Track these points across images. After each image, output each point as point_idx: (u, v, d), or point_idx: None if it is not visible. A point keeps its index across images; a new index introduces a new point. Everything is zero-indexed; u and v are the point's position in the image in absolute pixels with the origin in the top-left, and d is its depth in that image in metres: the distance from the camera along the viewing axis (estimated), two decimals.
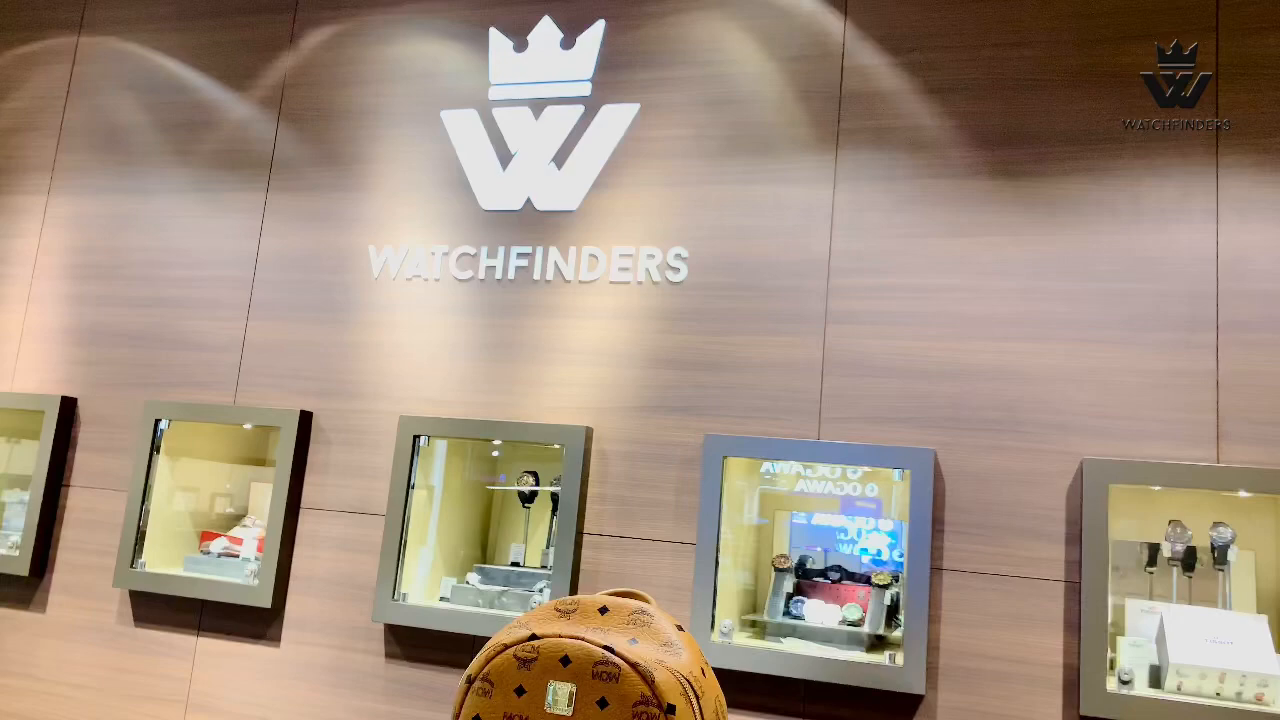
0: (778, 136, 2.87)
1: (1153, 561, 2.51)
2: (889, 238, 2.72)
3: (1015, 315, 2.58)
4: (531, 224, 3.06)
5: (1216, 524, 2.41)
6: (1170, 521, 2.46)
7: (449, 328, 3.08)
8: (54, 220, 3.64)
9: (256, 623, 3.09)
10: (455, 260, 3.11)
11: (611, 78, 3.05)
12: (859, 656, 2.53)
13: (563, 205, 3.03)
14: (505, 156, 3.12)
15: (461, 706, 1.08)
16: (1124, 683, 2.31)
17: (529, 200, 3.08)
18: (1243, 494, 2.42)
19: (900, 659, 2.44)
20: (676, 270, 2.89)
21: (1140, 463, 2.39)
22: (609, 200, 3.00)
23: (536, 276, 3.02)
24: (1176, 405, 2.43)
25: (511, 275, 3.05)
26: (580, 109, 3.06)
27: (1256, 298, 2.42)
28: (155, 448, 3.27)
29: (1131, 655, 2.36)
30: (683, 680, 1.04)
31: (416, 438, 2.98)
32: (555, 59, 3.12)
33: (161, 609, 3.20)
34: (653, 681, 1.01)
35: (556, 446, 2.91)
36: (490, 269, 3.07)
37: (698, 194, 2.91)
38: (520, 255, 3.05)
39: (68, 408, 3.43)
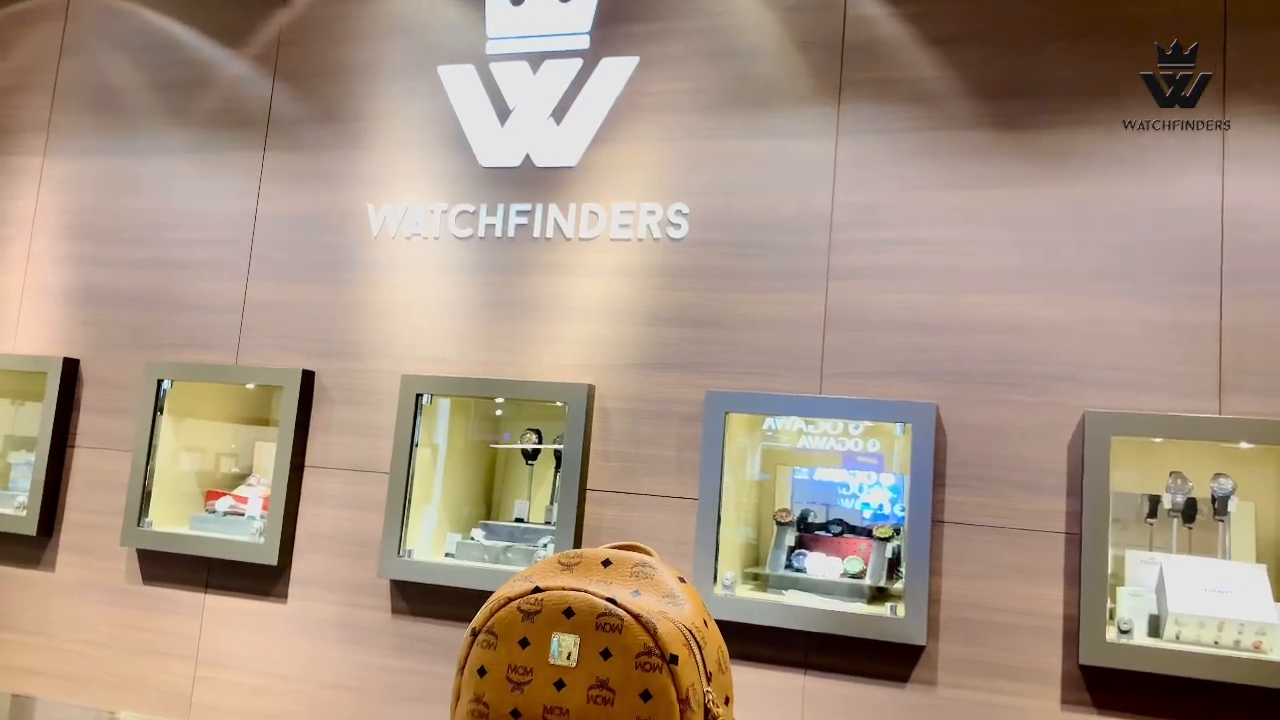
0: (779, 89, 2.83)
1: (1153, 513, 2.52)
2: (891, 191, 2.70)
3: (1017, 268, 2.57)
4: (531, 181, 3.04)
5: (1217, 475, 2.42)
6: (1171, 473, 2.47)
7: (449, 286, 3.07)
8: (50, 182, 3.62)
9: (263, 580, 3.12)
10: (455, 218, 3.09)
11: (610, 30, 3.01)
12: (860, 608, 2.55)
13: (562, 161, 3.01)
14: (503, 112, 3.09)
15: (467, 659, 1.09)
16: (1123, 632, 2.34)
17: (528, 157, 3.05)
18: (1244, 445, 2.42)
19: (901, 610, 2.46)
20: (677, 227, 2.87)
21: (1142, 415, 2.39)
22: (609, 156, 2.97)
23: (536, 234, 3.01)
24: (1179, 357, 2.42)
25: (511, 233, 3.03)
26: (579, 63, 3.02)
27: (1261, 249, 2.41)
28: (158, 408, 3.27)
29: (1131, 605, 2.38)
30: (685, 631, 1.05)
31: (419, 396, 2.99)
32: (553, 11, 3.08)
33: (169, 567, 3.23)
34: (655, 632, 1.02)
35: (559, 404, 2.92)
36: (490, 227, 3.05)
37: (698, 149, 2.88)
38: (520, 213, 3.03)
39: (70, 369, 3.44)
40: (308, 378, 3.14)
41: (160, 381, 3.28)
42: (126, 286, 3.45)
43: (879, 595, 2.63)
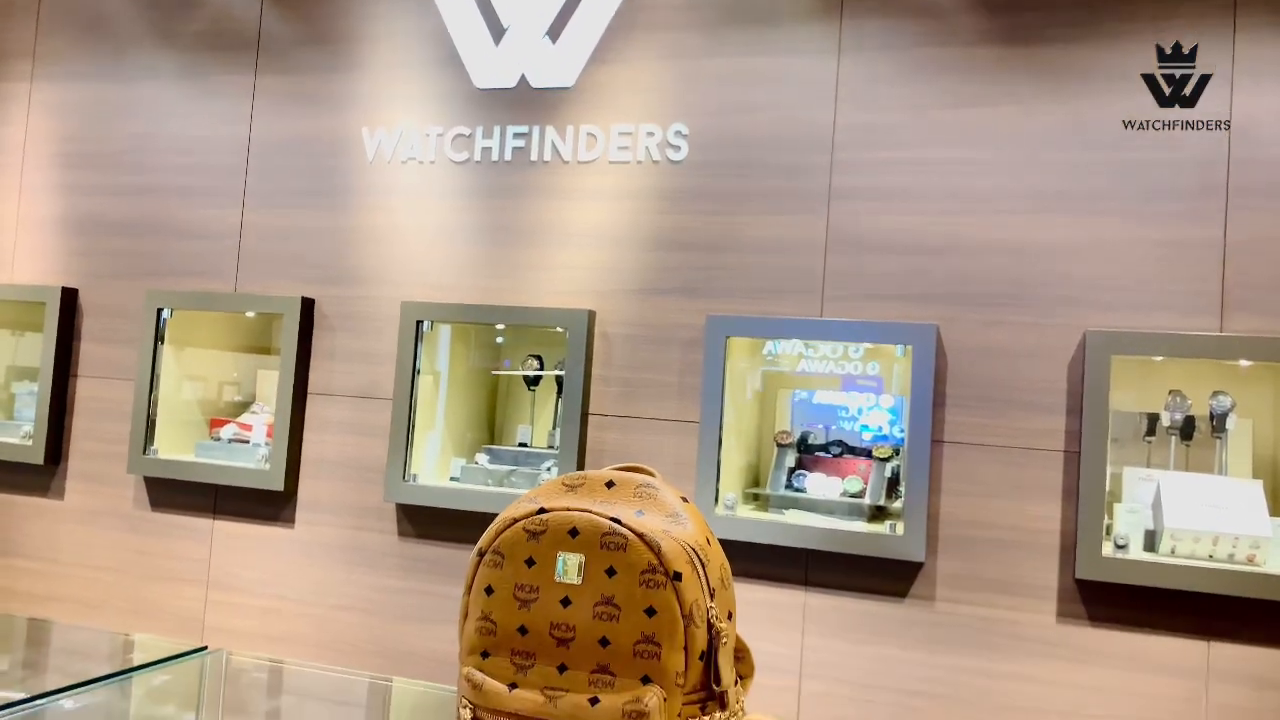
0: (780, 5, 2.77)
1: (1151, 431, 2.54)
2: (894, 110, 2.65)
3: (1020, 188, 2.54)
4: (527, 102, 2.99)
5: (1216, 393, 2.43)
6: (1170, 391, 2.48)
7: (447, 211, 3.04)
8: (39, 108, 3.56)
9: (270, 505, 3.16)
10: (450, 142, 3.05)
11: None
12: (860, 526, 2.59)
13: (558, 82, 2.96)
14: (498, 30, 3.02)
15: (474, 578, 1.11)
16: (1119, 547, 2.37)
17: (523, 77, 3.00)
18: (1244, 363, 2.43)
19: (900, 528, 2.50)
20: (677, 148, 2.83)
21: (1143, 333, 2.39)
22: (606, 76, 2.92)
23: (534, 157, 2.97)
24: (1181, 275, 2.42)
25: (508, 156, 2.99)
26: None
27: (1268, 164, 2.38)
28: (159, 337, 3.28)
29: (1128, 521, 2.41)
30: (688, 549, 1.07)
31: (419, 323, 2.98)
32: None
33: (177, 494, 3.27)
34: (659, 550, 1.04)
35: (560, 330, 2.92)
36: (486, 150, 3.01)
37: (698, 68, 2.83)
38: (516, 135, 2.99)
39: (69, 299, 3.43)
40: (307, 305, 3.14)
41: (160, 310, 3.27)
42: (121, 215, 3.42)
43: (878, 514, 2.67)
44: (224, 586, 3.19)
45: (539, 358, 3.05)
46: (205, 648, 1.77)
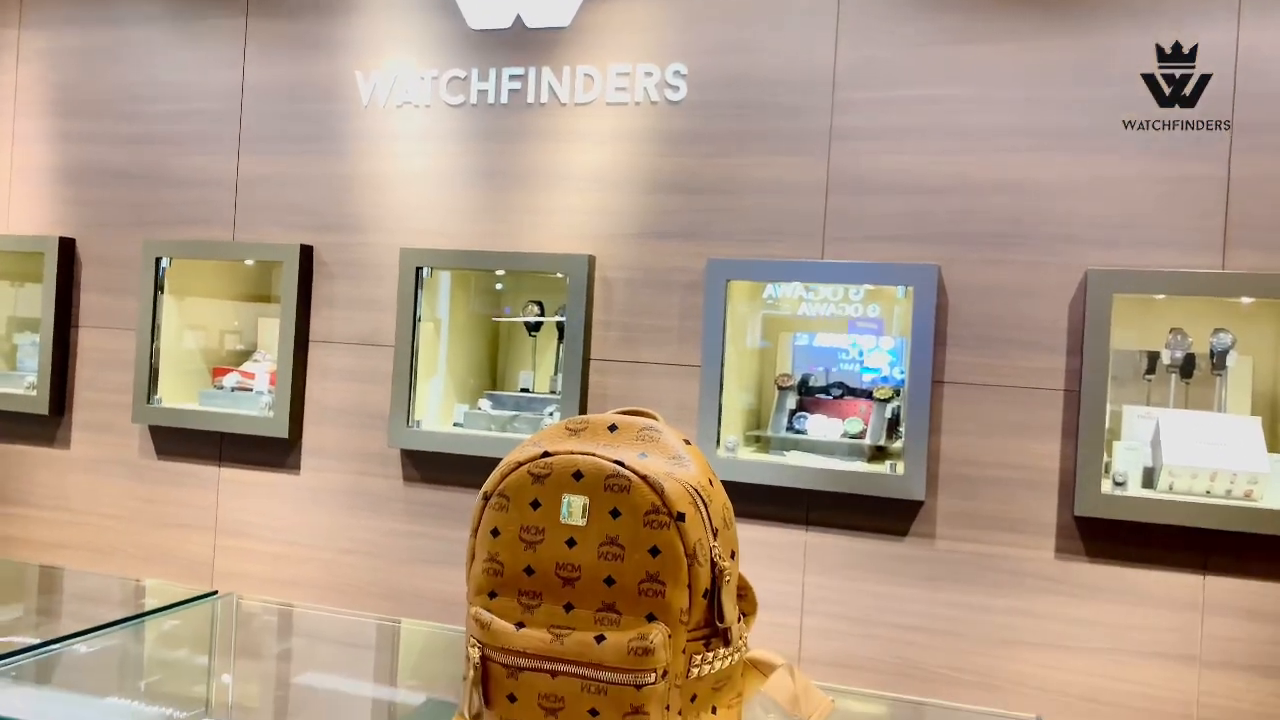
0: None
1: (1151, 369, 2.55)
2: (895, 46, 2.62)
3: (1022, 125, 2.51)
4: (522, 43, 2.95)
5: (1217, 330, 2.43)
6: (1171, 329, 2.48)
7: (444, 156, 3.02)
8: (29, 55, 3.51)
9: (275, 452, 3.18)
10: (446, 85, 3.01)
11: None
12: (860, 467, 2.61)
13: (554, 21, 2.91)
14: None
15: (480, 521, 1.13)
16: (1118, 484, 2.40)
17: (519, 17, 2.95)
18: (1246, 300, 2.43)
19: (901, 468, 2.52)
20: (675, 89, 2.80)
21: (1145, 271, 2.39)
22: (603, 14, 2.87)
23: (530, 99, 2.93)
24: (1184, 213, 2.40)
25: (504, 99, 2.96)
26: None
27: (1274, 100, 2.35)
28: (159, 287, 3.27)
29: (1126, 459, 2.43)
30: (691, 490, 1.08)
31: (419, 269, 2.98)
32: None
33: (182, 442, 3.29)
34: (662, 492, 1.05)
35: (560, 276, 2.91)
36: (482, 93, 2.98)
37: (696, 6, 2.78)
38: (513, 77, 2.95)
39: (67, 248, 3.42)
40: (306, 253, 3.13)
41: (159, 260, 3.26)
42: (116, 163, 3.39)
43: (879, 454, 2.69)
44: (232, 532, 3.23)
45: (539, 303, 3.05)
46: (215, 592, 1.80)
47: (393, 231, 3.06)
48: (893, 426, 2.70)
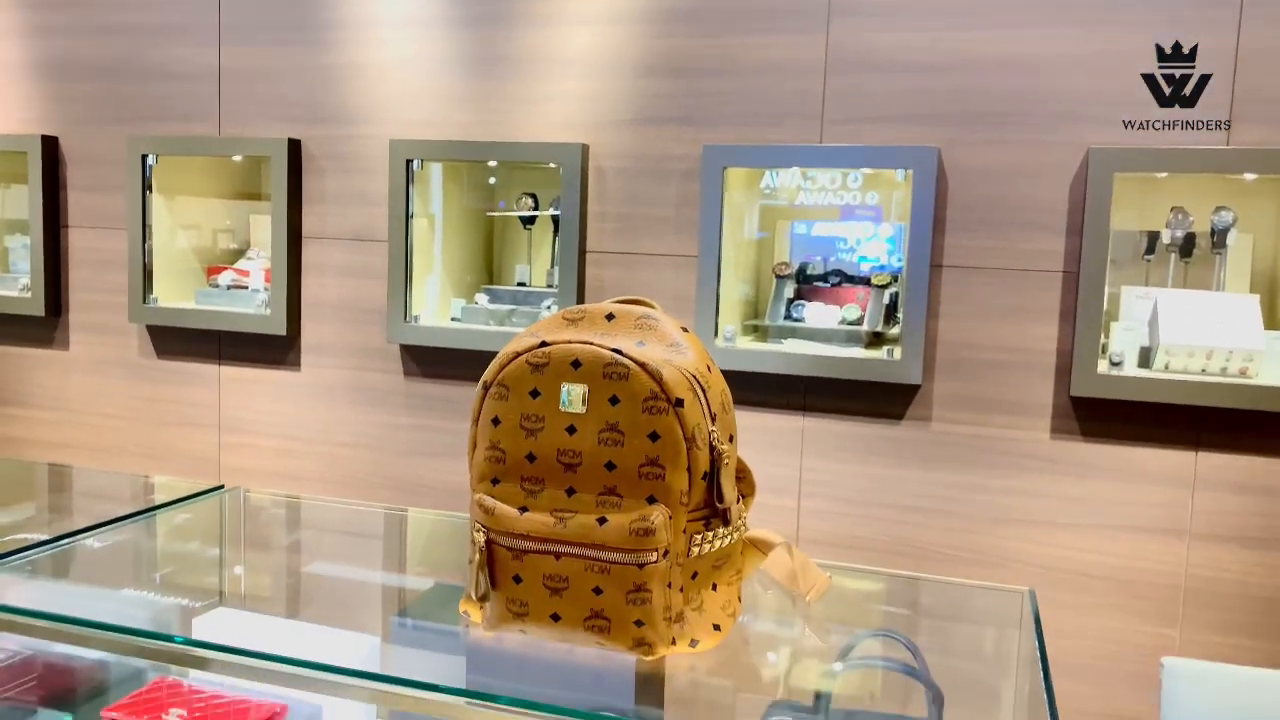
0: None
1: (1151, 249, 2.53)
2: None
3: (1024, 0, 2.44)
4: None
5: (1218, 208, 2.40)
6: (1172, 208, 2.46)
7: (430, 43, 2.93)
8: None
9: (274, 350, 3.19)
10: None
11: None
12: (858, 353, 2.62)
13: None
14: None
15: (480, 410, 1.13)
16: (1114, 364, 2.41)
17: None
18: (1249, 177, 2.40)
19: (898, 353, 2.53)
20: None
21: (1147, 149, 2.35)
22: None
23: None
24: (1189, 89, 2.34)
25: None
26: None
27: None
28: (147, 185, 3.22)
29: (1124, 339, 2.44)
30: (689, 376, 1.08)
31: (409, 162, 2.92)
32: None
33: (181, 341, 3.30)
34: (661, 379, 1.05)
35: (553, 166, 2.86)
36: None
37: None
38: None
39: (50, 147, 3.35)
40: (294, 146, 3.07)
41: (145, 157, 3.20)
42: (93, 56, 3.29)
43: (876, 340, 2.69)
44: (235, 429, 3.26)
45: (533, 196, 3.00)
46: (223, 486, 1.83)
47: (381, 123, 3.00)
48: (890, 312, 2.70)
